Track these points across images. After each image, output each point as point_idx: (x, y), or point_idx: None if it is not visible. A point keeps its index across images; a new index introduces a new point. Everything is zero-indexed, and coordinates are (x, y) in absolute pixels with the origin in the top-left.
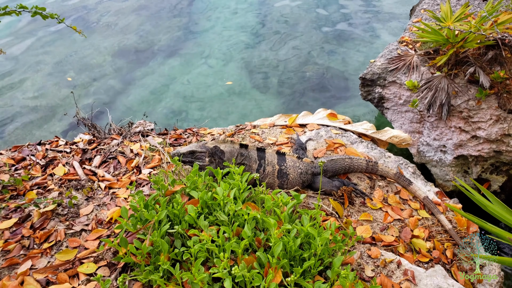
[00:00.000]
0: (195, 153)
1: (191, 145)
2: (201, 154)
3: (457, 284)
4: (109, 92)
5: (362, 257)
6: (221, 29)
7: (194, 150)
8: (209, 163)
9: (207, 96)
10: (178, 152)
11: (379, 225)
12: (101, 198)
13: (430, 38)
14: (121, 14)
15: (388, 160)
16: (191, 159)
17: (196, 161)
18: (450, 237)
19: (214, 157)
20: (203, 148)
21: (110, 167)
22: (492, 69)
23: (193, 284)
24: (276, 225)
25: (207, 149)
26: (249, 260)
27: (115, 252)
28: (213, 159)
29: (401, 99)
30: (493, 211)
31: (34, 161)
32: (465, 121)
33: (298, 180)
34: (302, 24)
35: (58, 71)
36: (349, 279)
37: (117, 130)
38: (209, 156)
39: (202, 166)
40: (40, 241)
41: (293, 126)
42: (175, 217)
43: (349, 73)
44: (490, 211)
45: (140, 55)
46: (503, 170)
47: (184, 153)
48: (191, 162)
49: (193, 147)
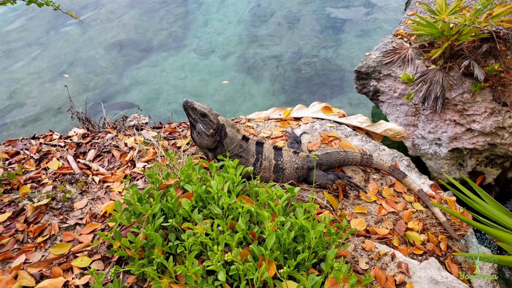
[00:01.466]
0: (206, 117)
1: (206, 107)
2: (210, 122)
3: (450, 276)
4: (105, 87)
5: (357, 250)
6: (217, 23)
7: (207, 114)
8: (210, 135)
9: (203, 91)
10: (192, 104)
11: (374, 218)
12: (95, 192)
13: (425, 31)
14: (117, 9)
15: (383, 153)
16: (198, 119)
17: (201, 124)
18: (444, 230)
19: (217, 133)
20: (215, 118)
21: (105, 161)
22: (487, 62)
23: (187, 277)
24: (270, 218)
25: (217, 121)
26: (243, 253)
27: (109, 246)
28: (216, 134)
29: (396, 92)
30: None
31: (28, 155)
32: (459, 114)
33: (293, 175)
34: (298, 17)
35: (54, 66)
36: (342, 271)
37: (111, 124)
38: (215, 130)
39: (202, 132)
40: (34, 235)
41: (288, 120)
42: (169, 210)
43: (345, 66)
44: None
45: (136, 50)
46: (498, 163)
47: (196, 109)
48: (196, 121)
49: (207, 110)
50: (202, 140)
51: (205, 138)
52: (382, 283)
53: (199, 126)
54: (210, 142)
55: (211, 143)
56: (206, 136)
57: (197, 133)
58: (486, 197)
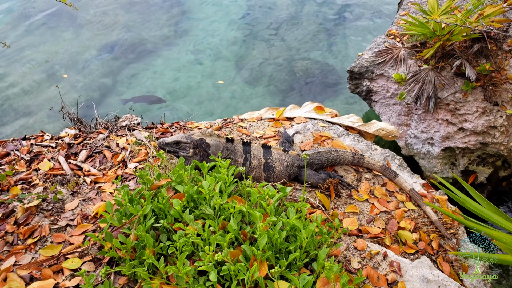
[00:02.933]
0: (180, 143)
1: (177, 135)
2: (185, 144)
3: (442, 274)
4: (98, 88)
5: (349, 249)
6: (211, 24)
7: (179, 140)
8: (193, 155)
9: (197, 92)
10: (164, 141)
11: (366, 217)
12: (87, 193)
13: (417, 31)
14: (110, 10)
15: (375, 152)
16: (175, 149)
17: (180, 151)
18: (436, 229)
19: (198, 149)
20: (188, 139)
21: (96, 162)
22: (478, 61)
23: (178, 277)
24: (261, 217)
25: (192, 140)
26: (235, 253)
27: (101, 247)
28: (198, 150)
29: (388, 92)
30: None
31: (19, 156)
32: (452, 113)
33: (284, 173)
34: (292, 18)
35: (47, 67)
36: (333, 271)
37: (103, 125)
38: (194, 148)
39: (186, 157)
40: (24, 236)
41: (281, 120)
42: (160, 211)
43: (338, 66)
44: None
45: (130, 52)
46: (489, 161)
47: (169, 143)
48: (176, 152)
49: (179, 137)
50: (189, 162)
51: (191, 159)
52: (374, 282)
53: (181, 154)
54: (198, 158)
55: (199, 158)
56: (191, 157)
57: (184, 160)
58: (477, 196)
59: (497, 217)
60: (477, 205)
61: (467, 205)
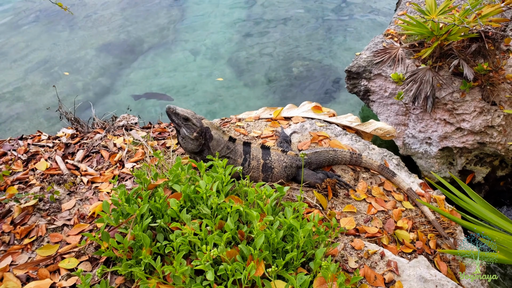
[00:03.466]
0: (188, 121)
1: (190, 111)
2: (193, 125)
3: (439, 274)
4: (96, 87)
5: (346, 249)
6: (209, 24)
7: (189, 118)
8: (194, 138)
9: (195, 92)
10: (175, 110)
11: (363, 217)
12: (84, 193)
13: (415, 30)
14: (108, 9)
15: (372, 152)
16: (181, 123)
17: (184, 128)
18: (433, 228)
19: (202, 136)
20: (198, 121)
21: (93, 162)
22: (476, 61)
23: (175, 277)
24: (258, 217)
25: (200, 125)
26: (232, 253)
27: (97, 247)
28: (200, 137)
29: (386, 92)
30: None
31: (16, 156)
32: (449, 113)
33: (282, 173)
34: (290, 18)
35: (44, 67)
36: (330, 270)
37: (100, 124)
38: (198, 133)
39: (186, 136)
40: (20, 236)
41: (278, 119)
42: (157, 211)
43: (337, 66)
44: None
45: (127, 51)
46: (487, 161)
47: (178, 114)
48: (179, 126)
49: (190, 114)
50: (187, 144)
51: (189, 142)
52: (371, 281)
53: (183, 131)
54: (195, 146)
55: (196, 147)
56: (190, 140)
57: (181, 138)
58: (473, 196)
59: (493, 215)
60: (473, 203)
61: (464, 204)
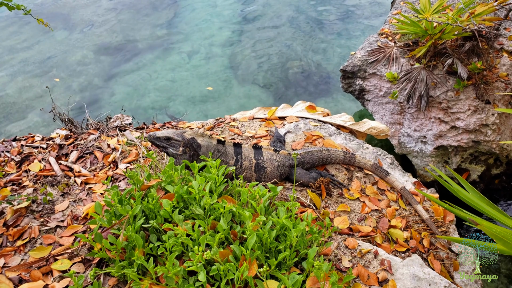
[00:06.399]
0: (171, 140)
1: (169, 131)
2: (176, 142)
3: (433, 272)
4: (91, 89)
5: (339, 248)
6: (205, 24)
7: (170, 136)
8: (182, 153)
9: (190, 92)
10: (154, 135)
11: (357, 216)
12: (77, 194)
13: (409, 30)
14: (103, 10)
15: (366, 151)
16: (165, 145)
17: (170, 148)
18: (427, 227)
19: (189, 148)
20: (179, 136)
21: (87, 162)
22: (470, 60)
23: (168, 278)
24: (251, 217)
25: (183, 138)
26: (225, 253)
27: (90, 248)
28: (188, 150)
29: (381, 91)
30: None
31: (9, 157)
32: (444, 112)
33: (275, 173)
34: (285, 18)
35: (40, 68)
36: (323, 269)
37: (94, 125)
38: (184, 146)
39: (174, 155)
40: (13, 238)
41: (273, 119)
42: (150, 211)
43: (331, 65)
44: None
45: (122, 52)
46: (482, 159)
47: (159, 137)
48: (165, 148)
49: (170, 133)
50: (179, 161)
51: (179, 157)
52: (364, 280)
53: (170, 150)
54: (188, 157)
55: (189, 159)
56: (179, 155)
57: (172, 157)
58: (470, 189)
59: (489, 207)
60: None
61: (460, 195)
